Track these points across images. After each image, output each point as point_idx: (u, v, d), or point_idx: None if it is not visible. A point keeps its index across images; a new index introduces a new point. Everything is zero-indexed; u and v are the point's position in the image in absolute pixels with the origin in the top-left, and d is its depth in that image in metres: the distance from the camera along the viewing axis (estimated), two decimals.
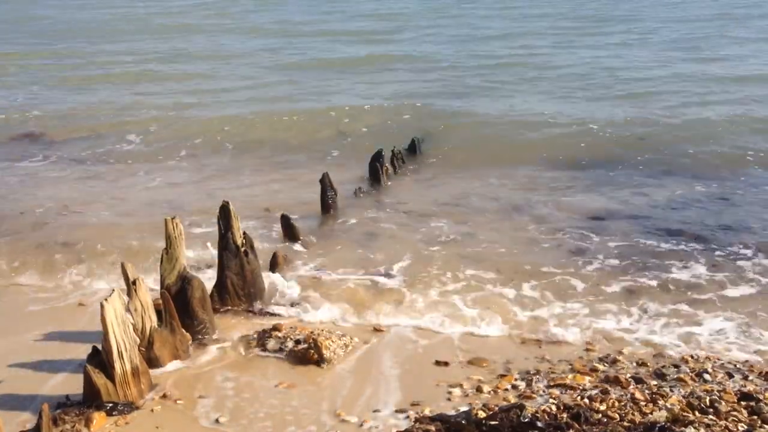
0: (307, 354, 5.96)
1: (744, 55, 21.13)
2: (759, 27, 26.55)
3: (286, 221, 8.39)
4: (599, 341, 6.23)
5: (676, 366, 5.69)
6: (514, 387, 5.47)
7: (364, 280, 7.53)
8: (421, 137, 13.14)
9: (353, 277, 7.57)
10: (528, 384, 5.49)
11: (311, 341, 6.02)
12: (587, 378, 5.53)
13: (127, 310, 5.55)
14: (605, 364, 5.79)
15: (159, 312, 5.93)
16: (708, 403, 4.98)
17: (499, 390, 5.44)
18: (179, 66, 22.43)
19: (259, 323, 6.66)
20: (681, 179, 10.89)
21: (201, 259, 8.12)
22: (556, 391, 5.34)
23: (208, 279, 6.96)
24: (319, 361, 5.89)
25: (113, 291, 5.28)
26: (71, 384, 5.56)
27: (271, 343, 6.17)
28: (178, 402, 5.41)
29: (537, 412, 4.88)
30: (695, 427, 4.58)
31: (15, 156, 13.37)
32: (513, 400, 5.23)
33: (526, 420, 4.65)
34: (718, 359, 5.83)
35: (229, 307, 6.92)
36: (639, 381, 5.42)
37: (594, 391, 5.27)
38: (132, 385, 5.35)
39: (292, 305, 6.97)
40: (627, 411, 4.92)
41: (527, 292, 7.21)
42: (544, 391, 5.36)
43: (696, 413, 4.86)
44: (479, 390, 5.45)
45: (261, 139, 14.07)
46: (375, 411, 5.22)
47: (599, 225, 9.06)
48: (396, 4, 37.97)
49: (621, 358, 5.89)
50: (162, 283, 6.33)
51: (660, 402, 5.04)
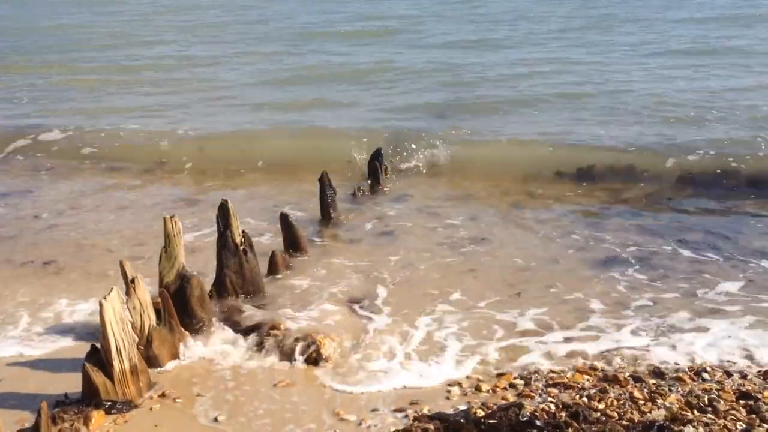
0: (306, 353, 5.96)
1: None
2: None
3: (285, 221, 8.31)
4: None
5: (674, 364, 5.70)
6: (512, 386, 5.47)
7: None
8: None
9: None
10: (527, 383, 5.50)
11: (310, 339, 6.03)
12: (586, 377, 5.53)
13: (126, 308, 5.54)
14: (604, 362, 5.80)
15: (158, 311, 5.94)
16: (706, 402, 4.99)
17: (498, 389, 5.44)
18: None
19: (258, 321, 6.65)
20: None
21: None
22: (554, 390, 5.34)
23: None
24: (318, 360, 5.90)
25: (112, 289, 5.28)
26: (70, 382, 5.56)
27: (270, 342, 6.17)
28: (176, 400, 5.42)
29: (536, 410, 4.88)
30: (694, 426, 4.58)
31: None
32: (512, 398, 5.24)
33: (524, 419, 4.66)
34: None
35: (228, 306, 6.90)
36: (638, 380, 5.42)
37: (593, 390, 5.27)
38: (131, 384, 5.35)
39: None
40: (626, 410, 4.93)
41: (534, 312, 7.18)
42: (542, 390, 5.36)
43: (695, 412, 4.87)
44: (478, 389, 5.45)
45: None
46: (374, 410, 5.23)
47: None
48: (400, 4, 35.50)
49: (620, 356, 5.89)
50: (161, 282, 6.33)
51: (659, 401, 5.05)
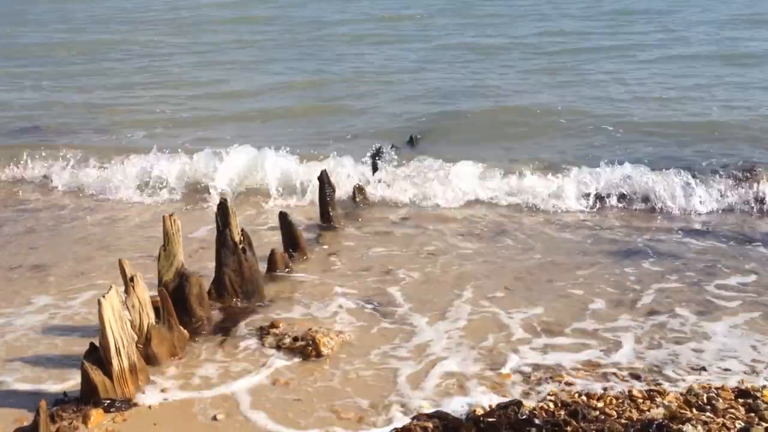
0: (305, 350, 5.96)
1: None
2: None
3: (284, 220, 8.28)
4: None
5: (673, 362, 5.71)
6: (512, 384, 5.47)
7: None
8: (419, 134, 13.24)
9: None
10: (526, 381, 5.50)
11: (309, 338, 6.02)
12: (585, 375, 5.53)
13: (125, 306, 5.54)
14: (604, 361, 5.80)
15: (157, 309, 5.93)
16: (705, 401, 4.99)
17: (497, 387, 5.44)
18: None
19: (257, 320, 6.67)
20: None
21: None
22: (553, 388, 5.35)
23: None
24: (317, 358, 5.89)
25: (111, 287, 5.28)
26: (69, 380, 5.56)
27: (269, 340, 6.17)
28: (175, 399, 5.41)
29: (535, 409, 4.89)
30: (693, 425, 4.58)
31: None
32: (511, 396, 5.24)
33: (523, 417, 4.66)
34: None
35: (227, 304, 6.91)
36: (636, 378, 5.43)
37: (592, 389, 5.28)
38: (130, 382, 5.35)
39: None
40: (624, 408, 4.93)
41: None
42: (541, 388, 5.36)
43: (693, 410, 4.87)
44: (477, 386, 5.45)
45: None
46: (372, 408, 5.22)
47: None
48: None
49: (619, 354, 5.90)
50: (159, 280, 6.33)
51: (657, 399, 5.05)
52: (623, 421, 4.70)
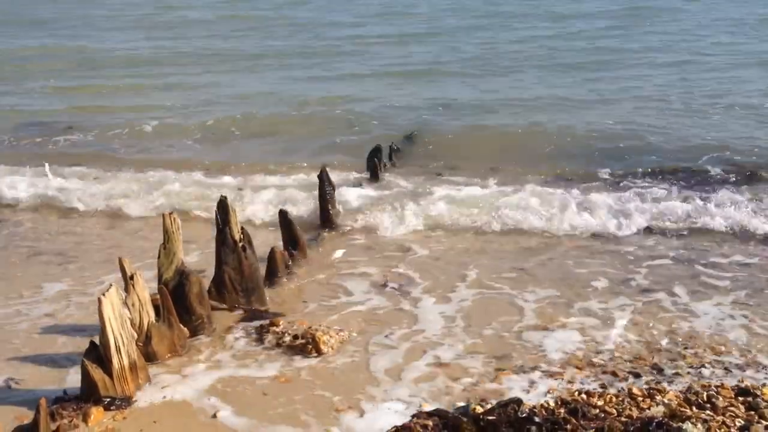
0: (305, 348, 5.96)
1: None
2: None
3: (284, 218, 8.27)
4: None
5: (673, 361, 5.71)
6: (511, 382, 5.47)
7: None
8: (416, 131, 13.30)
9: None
10: (526, 379, 5.50)
11: (309, 336, 6.02)
12: (585, 373, 5.54)
13: (125, 305, 5.54)
14: (603, 358, 5.80)
15: (157, 307, 5.93)
16: (705, 399, 4.98)
17: (497, 385, 5.44)
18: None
19: (257, 318, 6.67)
20: None
21: None
22: (553, 386, 5.34)
23: None
24: (317, 356, 5.89)
25: (111, 286, 5.27)
26: (69, 379, 5.55)
27: (269, 338, 6.17)
28: (175, 397, 5.41)
29: (534, 407, 4.88)
30: (692, 423, 4.57)
31: None
32: (510, 394, 5.23)
33: (523, 415, 4.65)
34: (716, 355, 5.84)
35: (227, 302, 6.91)
36: (636, 376, 5.43)
37: (591, 386, 5.28)
38: (130, 380, 5.35)
39: None
40: (624, 406, 4.92)
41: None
42: (541, 386, 5.36)
43: (693, 409, 4.86)
44: (477, 384, 5.45)
45: None
46: (373, 405, 5.22)
47: None
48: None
49: (619, 352, 5.90)
50: (159, 279, 6.33)
51: (657, 397, 5.05)
52: (623, 419, 4.70)
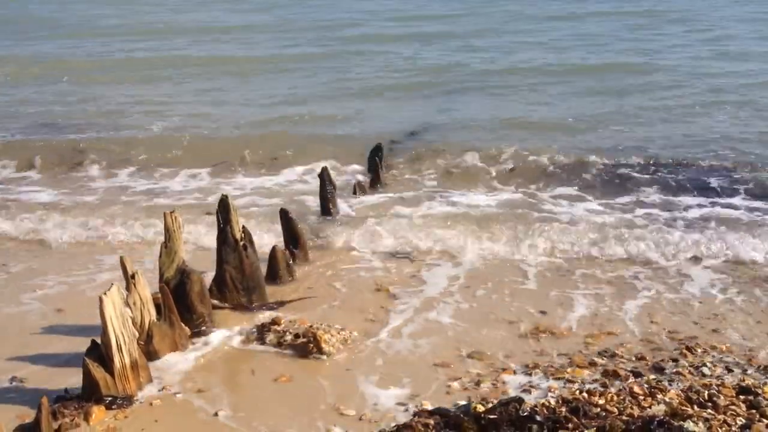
0: (306, 348, 5.96)
1: None
2: None
3: (285, 217, 8.26)
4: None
5: (674, 360, 5.71)
6: (512, 381, 5.47)
7: None
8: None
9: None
10: (527, 377, 5.50)
11: (310, 335, 6.02)
12: (586, 372, 5.54)
13: (126, 303, 5.54)
14: (604, 358, 5.80)
15: (158, 306, 5.93)
16: (706, 398, 4.98)
17: (498, 384, 5.45)
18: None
19: (258, 317, 6.67)
20: None
21: None
22: (555, 385, 5.35)
23: None
24: (318, 355, 5.89)
25: (112, 285, 5.28)
26: (70, 377, 5.56)
27: (270, 337, 6.17)
28: (177, 396, 5.41)
29: (536, 405, 4.88)
30: (693, 422, 4.58)
31: None
32: (512, 393, 5.24)
33: (524, 414, 4.65)
34: (717, 353, 5.84)
35: (229, 301, 6.91)
36: (638, 375, 5.43)
37: (593, 385, 5.28)
38: (131, 379, 5.35)
39: None
40: (625, 405, 4.93)
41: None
42: (542, 385, 5.36)
43: (694, 407, 4.87)
44: (478, 384, 5.46)
45: None
46: (374, 405, 5.22)
47: None
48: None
49: (620, 351, 5.90)
50: (161, 277, 6.33)
51: (658, 396, 5.05)
52: (624, 418, 4.70)
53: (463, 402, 5.14)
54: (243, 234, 6.94)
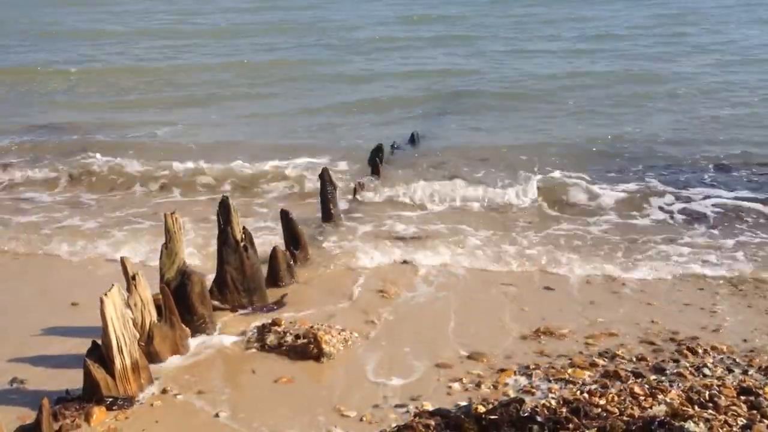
0: (307, 348, 5.96)
1: None
2: None
3: (285, 217, 8.25)
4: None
5: (675, 361, 5.70)
6: (513, 381, 5.47)
7: None
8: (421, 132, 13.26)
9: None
10: (527, 378, 5.50)
11: (311, 336, 6.02)
12: (587, 373, 5.53)
13: (127, 305, 5.54)
14: (605, 358, 5.80)
15: (159, 307, 5.93)
16: (707, 398, 4.98)
17: (499, 384, 5.44)
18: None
19: (259, 317, 6.67)
20: None
21: None
22: (555, 386, 5.34)
23: None
24: (319, 356, 5.89)
25: (113, 286, 5.27)
26: (71, 378, 5.56)
27: (271, 338, 6.16)
28: (177, 397, 5.42)
29: (536, 406, 4.88)
30: (694, 422, 4.58)
31: None
32: (512, 394, 5.24)
33: (525, 414, 4.66)
34: (718, 354, 5.84)
35: (229, 302, 6.91)
36: (638, 375, 5.43)
37: (593, 386, 5.28)
38: (132, 380, 5.35)
39: None
40: (626, 405, 4.92)
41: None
42: (543, 386, 5.36)
43: (695, 408, 4.87)
44: (479, 384, 5.46)
45: None
46: (374, 406, 5.23)
47: None
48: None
49: (620, 352, 5.90)
50: (161, 278, 6.33)
51: (659, 396, 5.05)
52: (625, 419, 4.70)
53: (464, 403, 5.14)
54: (244, 235, 6.94)
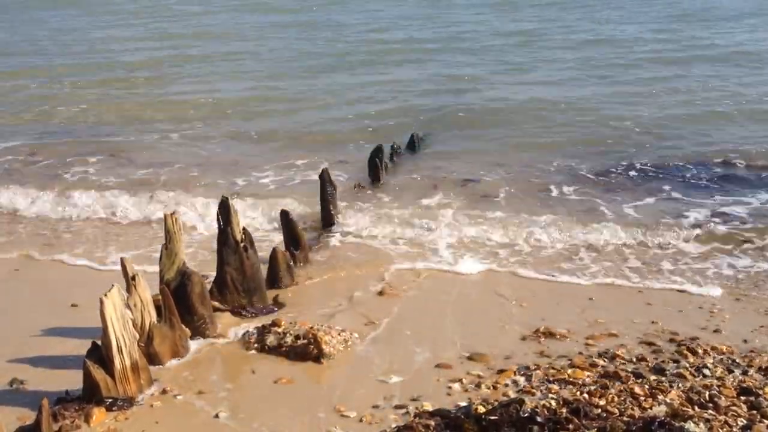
0: (307, 349, 5.95)
1: None
2: None
3: (285, 218, 8.26)
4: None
5: (675, 361, 5.70)
6: (513, 382, 5.47)
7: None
8: (421, 134, 13.22)
9: None
10: (527, 379, 5.50)
11: (311, 336, 6.01)
12: (587, 373, 5.53)
13: (127, 305, 5.54)
14: (605, 359, 5.79)
15: (158, 308, 5.93)
16: (707, 398, 4.99)
17: (499, 385, 5.44)
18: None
19: (259, 318, 6.67)
20: None
21: None
22: (555, 386, 5.34)
23: None
24: (319, 357, 5.89)
25: (113, 286, 5.27)
26: (71, 379, 5.56)
27: (270, 339, 6.16)
28: (177, 397, 5.41)
29: (536, 407, 4.87)
30: (694, 422, 4.58)
31: None
32: (512, 395, 5.23)
33: (525, 415, 4.65)
34: (718, 354, 5.83)
35: (229, 303, 6.90)
36: (638, 376, 5.42)
37: (593, 386, 5.27)
38: (131, 381, 5.35)
39: None
40: (626, 406, 4.92)
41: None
42: (543, 386, 5.36)
43: (695, 408, 4.87)
44: (479, 385, 5.45)
45: None
46: (374, 407, 5.22)
47: None
48: None
49: (620, 353, 5.89)
50: (161, 279, 6.32)
51: (659, 397, 5.05)
52: (625, 419, 4.70)
53: (464, 403, 5.13)
54: (243, 235, 6.94)
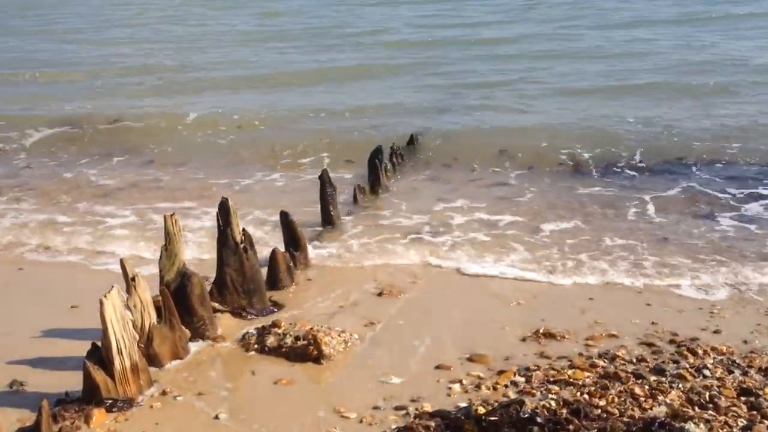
0: (307, 350, 5.95)
1: None
2: None
3: (285, 219, 8.24)
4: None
5: (675, 362, 5.70)
6: (513, 383, 5.47)
7: None
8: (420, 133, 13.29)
9: None
10: (527, 380, 5.50)
11: (311, 337, 6.01)
12: (587, 374, 5.53)
13: (126, 306, 5.53)
14: (605, 360, 5.79)
15: (158, 309, 5.92)
16: (707, 399, 4.99)
17: (499, 386, 5.44)
18: None
19: (259, 319, 6.67)
20: None
21: None
22: (555, 387, 5.34)
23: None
24: (319, 357, 5.89)
25: (112, 287, 5.27)
26: (71, 380, 5.56)
27: (270, 339, 6.16)
28: (177, 398, 5.41)
29: (537, 407, 4.87)
30: (695, 423, 4.58)
31: None
32: (513, 395, 5.23)
33: (525, 416, 4.65)
34: (718, 355, 5.83)
35: (229, 304, 6.90)
36: (639, 377, 5.42)
37: (594, 387, 5.27)
38: (131, 382, 5.35)
39: None
40: (626, 406, 4.93)
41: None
42: (543, 387, 5.36)
43: (695, 408, 4.87)
44: (479, 386, 5.45)
45: None
46: (374, 407, 5.22)
47: None
48: None
49: (620, 353, 5.89)
50: (161, 280, 6.32)
51: (659, 397, 5.05)
52: (625, 419, 4.70)
53: (464, 404, 5.13)
54: (243, 236, 6.94)
